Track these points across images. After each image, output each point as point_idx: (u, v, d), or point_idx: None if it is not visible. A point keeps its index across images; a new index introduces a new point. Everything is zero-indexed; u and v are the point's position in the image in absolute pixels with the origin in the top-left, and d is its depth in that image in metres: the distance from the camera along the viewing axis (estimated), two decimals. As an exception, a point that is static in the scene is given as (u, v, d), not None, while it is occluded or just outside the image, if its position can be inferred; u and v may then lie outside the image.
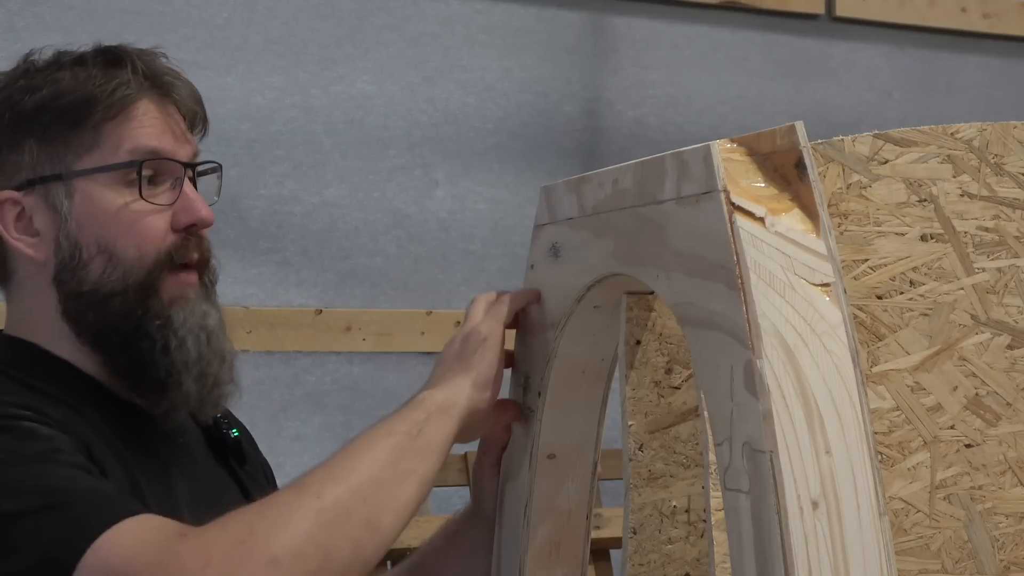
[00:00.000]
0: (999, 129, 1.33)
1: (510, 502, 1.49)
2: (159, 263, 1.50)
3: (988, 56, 3.76)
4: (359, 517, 1.31)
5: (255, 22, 3.03)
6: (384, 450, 1.35)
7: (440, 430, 1.39)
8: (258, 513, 1.29)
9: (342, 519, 1.30)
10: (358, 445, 1.36)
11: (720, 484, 1.13)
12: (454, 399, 1.40)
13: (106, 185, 1.49)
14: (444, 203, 3.17)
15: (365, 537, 1.31)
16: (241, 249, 2.95)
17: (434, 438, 1.38)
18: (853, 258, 1.28)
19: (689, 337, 1.19)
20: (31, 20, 2.78)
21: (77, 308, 1.49)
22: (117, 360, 1.50)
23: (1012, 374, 1.32)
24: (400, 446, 1.36)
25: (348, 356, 3.06)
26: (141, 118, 1.51)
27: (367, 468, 1.33)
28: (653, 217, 1.24)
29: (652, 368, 1.43)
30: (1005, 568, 1.32)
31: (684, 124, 3.41)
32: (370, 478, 1.33)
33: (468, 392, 1.41)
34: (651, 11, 3.42)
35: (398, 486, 1.34)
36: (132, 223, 1.49)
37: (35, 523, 1.28)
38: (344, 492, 1.31)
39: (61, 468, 1.33)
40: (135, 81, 1.51)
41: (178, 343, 1.49)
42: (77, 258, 1.49)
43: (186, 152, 1.54)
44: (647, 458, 1.43)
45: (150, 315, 1.49)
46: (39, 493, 1.30)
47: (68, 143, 1.49)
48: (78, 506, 1.29)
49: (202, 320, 1.52)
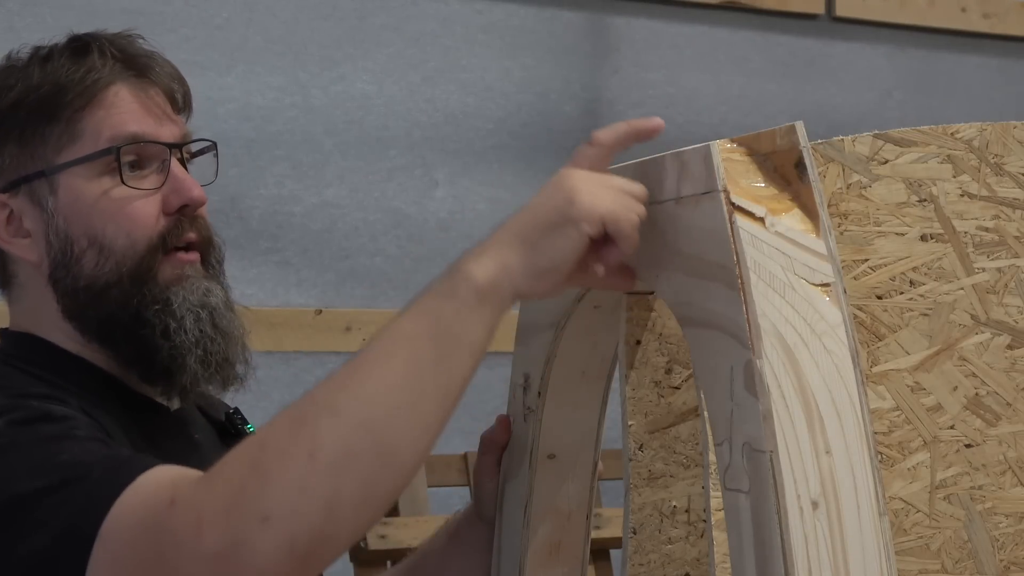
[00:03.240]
0: (999, 129, 1.33)
1: (510, 502, 1.49)
2: (152, 248, 1.47)
3: (988, 56, 3.76)
4: (367, 454, 1.14)
5: (255, 22, 3.03)
6: (401, 362, 1.16)
7: (475, 325, 1.16)
8: (251, 462, 1.16)
9: (345, 461, 1.14)
10: (372, 354, 1.18)
11: (720, 484, 1.13)
12: (498, 280, 1.17)
13: (88, 176, 1.47)
14: (444, 203, 3.17)
15: (376, 475, 1.15)
16: (241, 249, 2.95)
17: (468, 337, 1.16)
18: (853, 258, 1.28)
19: (689, 337, 1.19)
20: (31, 20, 2.78)
21: (76, 305, 1.48)
22: (123, 351, 1.48)
23: (1012, 374, 1.32)
24: (421, 355, 1.16)
25: (348, 356, 3.06)
26: (116, 103, 1.48)
27: (376, 391, 1.15)
28: (653, 217, 1.24)
29: (652, 368, 1.43)
30: (1005, 568, 1.32)
31: (684, 124, 3.41)
32: (381, 403, 1.15)
33: (519, 275, 1.17)
34: (651, 11, 3.42)
35: (417, 408, 1.16)
36: (118, 211, 1.46)
37: (55, 500, 1.24)
38: (346, 427, 1.15)
39: (77, 444, 1.29)
40: (106, 66, 1.48)
41: (177, 325, 1.46)
42: (69, 254, 1.46)
43: (171, 132, 1.51)
44: (647, 458, 1.43)
45: (147, 301, 1.46)
46: (57, 470, 1.26)
47: (46, 138, 1.47)
48: (93, 476, 1.24)
49: (203, 298, 1.48)
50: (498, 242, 1.18)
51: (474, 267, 1.17)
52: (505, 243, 1.18)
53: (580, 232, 1.17)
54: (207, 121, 2.95)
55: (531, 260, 1.18)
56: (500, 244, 1.18)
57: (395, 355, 1.16)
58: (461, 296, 1.16)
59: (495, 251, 1.18)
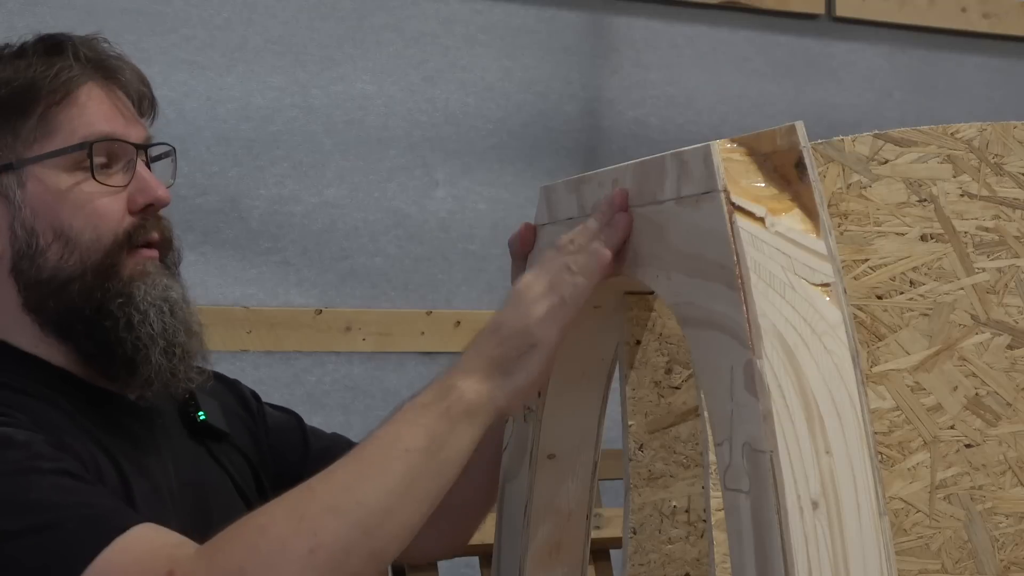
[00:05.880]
0: (999, 129, 1.33)
1: (510, 502, 1.49)
2: (117, 243, 1.49)
3: (988, 56, 3.75)
4: (361, 553, 1.24)
5: (255, 22, 3.03)
6: (398, 471, 1.25)
7: (464, 440, 1.28)
8: (251, 547, 1.23)
9: (342, 557, 1.23)
10: (369, 461, 1.27)
11: (720, 484, 1.13)
12: (485, 400, 1.29)
13: (58, 171, 1.48)
14: (444, 203, 3.17)
15: (365, 570, 1.24)
16: (241, 249, 2.95)
17: (456, 452, 1.28)
18: (853, 258, 1.28)
19: (689, 337, 1.19)
20: (31, 20, 2.78)
21: (37, 297, 1.48)
22: (83, 345, 1.49)
23: (1012, 374, 1.32)
24: (417, 467, 1.26)
25: (348, 356, 3.06)
26: (88, 102, 1.50)
27: (375, 496, 1.25)
28: (653, 217, 1.24)
29: (652, 368, 1.43)
30: (1005, 568, 1.32)
31: (684, 124, 3.41)
32: (377, 508, 1.24)
33: (502, 396, 1.30)
34: (651, 11, 3.42)
35: (409, 513, 1.26)
36: (86, 205, 1.48)
37: (23, 544, 1.26)
38: (345, 528, 1.23)
39: (45, 478, 1.30)
40: (77, 66, 1.51)
41: (141, 317, 1.48)
42: (34, 246, 1.47)
43: (137, 134, 1.54)
44: (647, 458, 1.43)
45: (111, 294, 1.48)
46: (25, 510, 1.27)
47: (16, 132, 1.49)
48: (68, 526, 1.26)
49: (164, 292, 1.50)
50: (478, 369, 1.29)
51: (464, 388, 1.28)
52: (483, 369, 1.29)
53: (546, 349, 1.29)
54: (207, 121, 2.97)
55: (509, 383, 1.29)
56: (481, 370, 1.29)
57: (393, 465, 1.25)
58: (454, 415, 1.27)
59: (481, 375, 1.29)
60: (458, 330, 3.10)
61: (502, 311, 1.31)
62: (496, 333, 1.30)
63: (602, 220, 1.28)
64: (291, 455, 1.71)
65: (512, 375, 1.29)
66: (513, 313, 1.30)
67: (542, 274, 1.30)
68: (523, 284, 1.31)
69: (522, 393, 1.31)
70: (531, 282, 1.30)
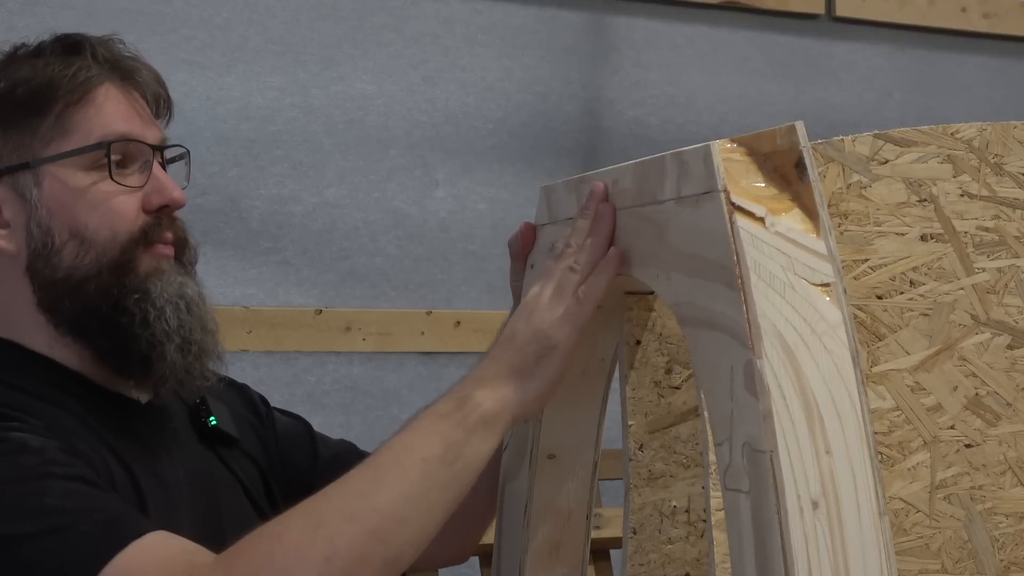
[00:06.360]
0: (999, 129, 1.33)
1: (510, 502, 1.49)
2: (133, 241, 1.49)
3: (988, 56, 3.75)
4: (377, 561, 1.24)
5: (255, 22, 3.03)
6: (414, 479, 1.26)
7: (482, 449, 1.29)
8: (267, 555, 1.23)
9: (357, 565, 1.23)
10: (386, 469, 1.27)
11: (720, 484, 1.13)
12: (503, 408, 1.30)
13: (75, 170, 1.48)
14: (444, 203, 3.17)
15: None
16: (241, 249, 2.95)
17: (472, 461, 1.29)
18: (853, 258, 1.28)
19: (689, 337, 1.19)
20: (31, 20, 2.78)
21: (52, 296, 1.48)
22: (98, 343, 1.49)
23: (1012, 374, 1.32)
24: (433, 474, 1.27)
25: (348, 356, 3.06)
26: (105, 102, 1.50)
27: (391, 504, 1.25)
28: (653, 217, 1.24)
29: (652, 368, 1.43)
30: (1005, 568, 1.32)
31: (684, 124, 3.41)
32: (393, 516, 1.25)
33: (520, 403, 1.31)
34: (651, 11, 3.42)
35: (425, 521, 1.27)
36: (103, 204, 1.48)
37: (38, 548, 1.26)
38: (361, 535, 1.24)
39: (59, 483, 1.30)
40: (95, 66, 1.51)
41: (157, 313, 1.47)
42: (50, 245, 1.47)
43: (153, 135, 1.54)
44: (647, 458, 1.43)
45: (127, 290, 1.47)
46: (39, 515, 1.28)
47: (33, 131, 1.49)
48: (81, 528, 1.27)
49: (180, 289, 1.50)
50: (496, 376, 1.30)
51: (481, 397, 1.29)
52: (501, 377, 1.30)
53: (564, 351, 1.31)
54: (207, 121, 2.96)
55: (529, 389, 1.30)
56: (499, 377, 1.30)
57: (409, 473, 1.26)
58: (470, 424, 1.28)
59: (499, 383, 1.30)
60: (458, 330, 3.10)
61: (513, 322, 1.33)
62: (512, 342, 1.32)
63: (589, 216, 1.31)
64: (300, 461, 1.71)
65: (531, 380, 1.31)
66: (527, 320, 1.32)
67: (547, 282, 1.32)
68: (531, 295, 1.33)
69: (541, 398, 1.32)
70: (538, 291, 1.32)
